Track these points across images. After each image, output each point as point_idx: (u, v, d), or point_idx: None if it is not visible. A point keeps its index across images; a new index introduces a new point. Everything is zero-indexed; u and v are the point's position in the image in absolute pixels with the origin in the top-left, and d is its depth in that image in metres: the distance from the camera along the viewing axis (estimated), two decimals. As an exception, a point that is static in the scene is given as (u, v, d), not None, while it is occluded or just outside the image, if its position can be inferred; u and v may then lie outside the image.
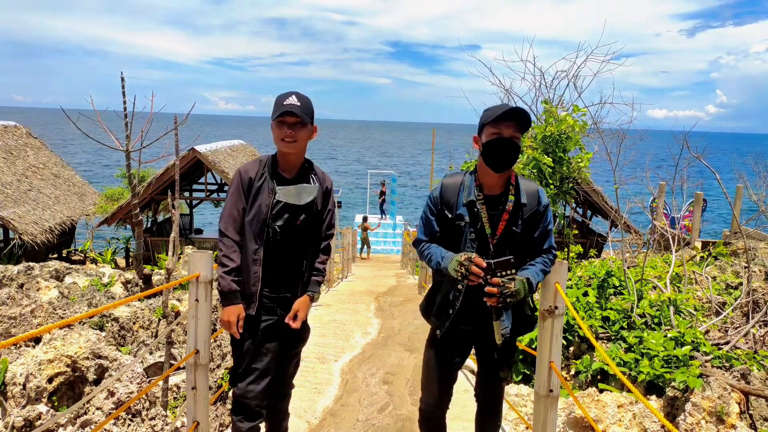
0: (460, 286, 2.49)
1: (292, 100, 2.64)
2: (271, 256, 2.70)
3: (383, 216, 25.34)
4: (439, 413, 2.74)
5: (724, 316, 5.37)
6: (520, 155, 8.23)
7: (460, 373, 2.87)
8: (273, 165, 2.74)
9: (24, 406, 3.62)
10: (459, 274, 2.33)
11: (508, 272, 2.32)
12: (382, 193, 25.69)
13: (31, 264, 8.29)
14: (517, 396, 4.30)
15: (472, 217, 2.47)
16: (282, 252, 2.72)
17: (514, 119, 2.35)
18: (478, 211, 2.46)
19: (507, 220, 2.44)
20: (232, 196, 2.69)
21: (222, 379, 4.67)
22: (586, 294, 5.34)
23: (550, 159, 7.60)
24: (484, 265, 2.30)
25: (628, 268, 5.88)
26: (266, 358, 2.71)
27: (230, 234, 2.66)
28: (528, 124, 2.38)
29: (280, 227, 2.68)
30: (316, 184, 2.79)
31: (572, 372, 4.71)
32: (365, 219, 20.89)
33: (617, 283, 5.67)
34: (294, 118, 2.62)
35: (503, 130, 2.36)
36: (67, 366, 3.85)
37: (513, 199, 2.46)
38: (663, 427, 3.63)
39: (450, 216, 2.51)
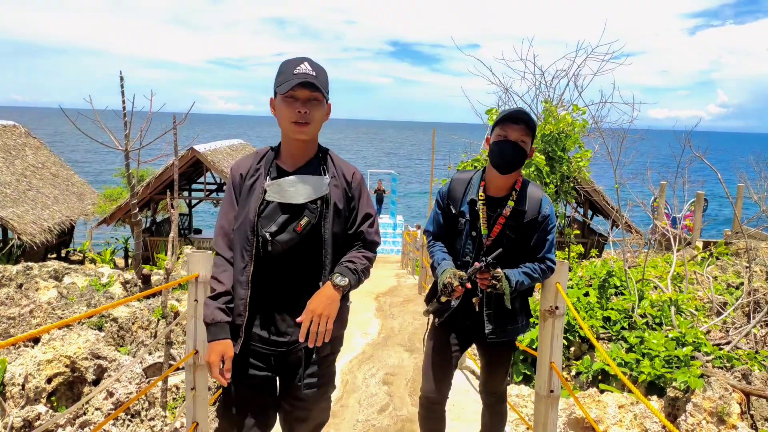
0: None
1: (306, 67, 1.93)
2: (264, 279, 2.02)
3: (378, 215, 25.44)
4: (438, 401, 2.68)
5: (726, 316, 5.36)
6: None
7: (460, 373, 2.87)
8: (272, 156, 2.07)
9: (23, 407, 3.60)
10: (442, 291, 2.35)
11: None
12: (380, 194, 25.77)
13: (29, 264, 8.26)
14: (517, 396, 4.28)
15: (471, 216, 2.49)
16: (279, 273, 2.01)
17: (521, 122, 2.37)
18: (477, 210, 2.47)
19: (503, 224, 2.45)
20: (224, 201, 2.11)
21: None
22: (587, 294, 5.32)
23: (543, 157, 7.57)
24: (461, 290, 2.30)
25: (629, 268, 5.87)
26: (257, 417, 2.07)
27: (220, 250, 2.05)
28: (534, 127, 2.40)
29: (272, 234, 1.97)
30: (328, 177, 2.04)
31: (573, 372, 4.70)
32: None
33: (618, 283, 5.66)
34: (310, 91, 1.93)
35: (510, 132, 2.38)
36: (66, 366, 3.83)
37: (512, 205, 2.45)
38: (664, 427, 3.61)
39: (454, 212, 2.54)
